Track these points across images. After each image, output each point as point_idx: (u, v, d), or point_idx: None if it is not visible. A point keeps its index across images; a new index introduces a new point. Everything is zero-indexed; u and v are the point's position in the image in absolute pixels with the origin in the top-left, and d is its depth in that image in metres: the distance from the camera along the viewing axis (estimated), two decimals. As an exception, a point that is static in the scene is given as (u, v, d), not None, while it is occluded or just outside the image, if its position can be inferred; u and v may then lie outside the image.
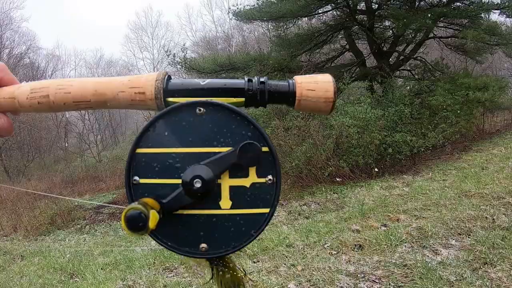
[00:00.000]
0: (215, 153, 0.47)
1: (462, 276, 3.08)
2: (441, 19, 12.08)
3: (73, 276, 4.96)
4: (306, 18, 13.48)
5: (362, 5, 12.46)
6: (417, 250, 3.70)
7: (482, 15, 11.84)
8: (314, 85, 0.49)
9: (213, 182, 0.46)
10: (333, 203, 6.44)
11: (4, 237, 9.03)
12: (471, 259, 3.37)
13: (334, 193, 7.31)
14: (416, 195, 5.75)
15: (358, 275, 3.42)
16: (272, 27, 14.39)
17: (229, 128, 0.48)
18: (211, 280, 0.52)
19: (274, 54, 13.04)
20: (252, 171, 0.48)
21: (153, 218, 0.43)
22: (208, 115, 0.47)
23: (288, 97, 0.50)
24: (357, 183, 7.67)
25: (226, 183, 0.47)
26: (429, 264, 3.34)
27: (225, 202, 0.48)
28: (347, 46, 13.63)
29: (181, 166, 0.47)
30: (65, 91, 0.50)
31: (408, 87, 11.58)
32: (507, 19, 13.41)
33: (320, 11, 12.93)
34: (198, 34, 35.71)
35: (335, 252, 4.04)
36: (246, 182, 0.48)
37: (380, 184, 7.16)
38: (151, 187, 0.48)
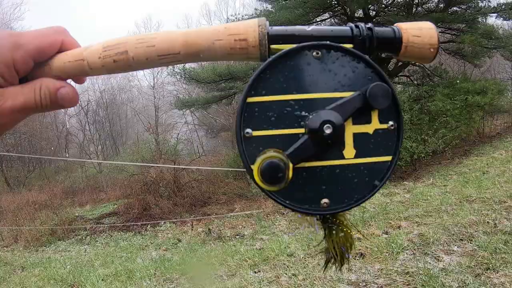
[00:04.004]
0: (337, 99, 0.44)
1: (465, 283, 3.06)
2: (439, 24, 12.12)
3: (74, 287, 4.95)
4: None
5: (359, 12, 12.53)
6: (419, 257, 3.68)
7: (479, 19, 11.90)
8: (419, 31, 0.47)
9: (342, 128, 0.43)
10: (334, 211, 6.41)
11: (5, 248, 9.01)
12: (473, 265, 3.34)
13: (335, 200, 7.28)
14: (417, 202, 5.73)
15: (360, 284, 3.40)
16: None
17: (349, 72, 0.45)
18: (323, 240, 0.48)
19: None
20: (375, 116, 0.45)
21: (291, 167, 0.40)
22: (325, 59, 0.44)
23: (394, 43, 0.48)
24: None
25: (350, 130, 0.44)
26: (431, 271, 3.32)
27: (349, 151, 0.44)
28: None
29: (300, 115, 0.44)
30: (148, 44, 0.46)
31: (407, 93, 11.58)
32: (504, 22, 13.49)
33: (318, 19, 12.98)
34: (197, 43, 35.83)
35: (336, 260, 4.01)
36: (369, 128, 0.45)
37: (380, 191, 7.10)
38: (266, 139, 0.44)
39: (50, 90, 0.47)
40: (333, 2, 11.52)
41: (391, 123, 0.45)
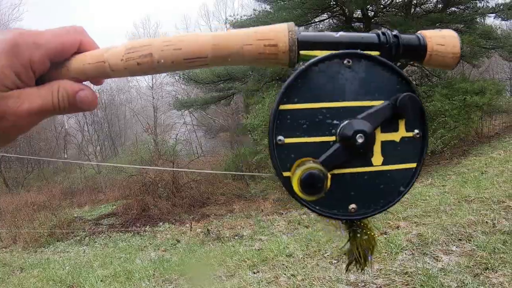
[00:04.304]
0: (367, 107, 0.45)
1: (463, 283, 3.06)
2: (437, 24, 12.14)
3: (73, 289, 4.94)
4: (303, 27, 13.53)
5: (358, 13, 12.54)
6: (417, 257, 3.68)
7: (478, 19, 11.93)
8: (443, 39, 0.48)
9: (373, 137, 0.44)
10: (333, 211, 6.42)
11: (4, 249, 9.00)
12: (472, 265, 3.35)
13: (333, 200, 7.28)
14: (415, 202, 5.74)
15: (359, 284, 3.40)
16: (269, 36, 14.46)
17: (378, 80, 0.46)
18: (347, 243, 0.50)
19: (272, 63, 13.08)
20: (402, 125, 0.46)
21: (329, 177, 0.41)
22: (356, 67, 0.45)
23: (419, 51, 0.49)
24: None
25: (378, 138, 0.46)
26: (430, 271, 3.32)
27: (377, 158, 0.46)
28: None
29: (332, 123, 0.45)
30: (175, 47, 0.45)
31: (405, 93, 11.59)
32: (502, 22, 13.51)
33: (316, 20, 13.00)
34: (196, 44, 35.81)
35: (335, 261, 4.01)
36: (396, 136, 0.46)
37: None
38: (298, 146, 0.44)
39: (68, 92, 0.46)
40: (331, 3, 11.53)
41: (416, 131, 0.47)
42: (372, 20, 12.61)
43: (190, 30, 53.69)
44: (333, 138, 0.44)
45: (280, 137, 0.44)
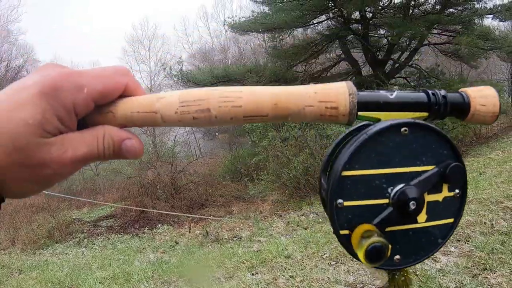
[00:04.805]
0: (418, 172, 0.48)
1: (462, 283, 3.07)
2: (435, 26, 12.18)
3: (71, 291, 4.93)
4: (301, 29, 13.57)
5: (356, 14, 12.57)
6: (416, 258, 3.68)
7: (476, 20, 11.96)
8: (485, 100, 0.51)
9: (423, 201, 0.48)
10: (332, 212, 6.42)
11: (2, 251, 8.98)
12: (471, 266, 3.35)
13: (332, 202, 7.29)
14: (414, 202, 5.73)
15: (357, 285, 3.40)
16: (267, 38, 14.51)
17: (430, 147, 0.49)
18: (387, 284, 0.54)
19: (270, 65, 13.11)
20: (445, 187, 0.50)
21: (390, 248, 0.45)
22: (411, 134, 0.48)
23: (463, 110, 0.51)
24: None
25: (425, 199, 0.49)
26: (429, 272, 3.32)
27: (422, 216, 0.49)
28: (343, 56, 13.72)
29: (387, 187, 0.48)
30: (234, 105, 0.44)
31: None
32: (500, 23, 13.55)
33: (315, 21, 13.02)
34: (195, 46, 35.88)
35: (334, 263, 4.01)
36: (439, 197, 0.50)
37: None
38: (355, 208, 0.48)
39: (114, 140, 0.44)
40: (329, 4, 11.55)
41: (457, 191, 0.51)
42: (371, 22, 12.64)
43: (189, 32, 53.70)
44: (386, 200, 0.48)
45: (340, 200, 0.47)
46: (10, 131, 0.38)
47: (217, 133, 25.07)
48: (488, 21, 12.85)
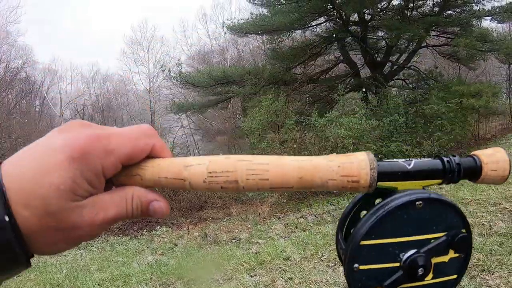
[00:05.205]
0: (429, 239, 0.51)
1: (460, 284, 3.06)
2: (433, 28, 12.20)
3: (70, 293, 4.92)
4: (300, 31, 13.59)
5: (354, 17, 12.59)
6: (414, 260, 3.68)
7: (474, 22, 11.98)
8: (496, 165, 0.53)
9: (431, 265, 0.51)
10: (330, 215, 6.43)
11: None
12: (469, 267, 3.33)
13: (331, 204, 7.30)
14: (412, 204, 5.74)
15: (356, 286, 3.40)
16: (266, 40, 14.52)
17: (441, 217, 0.51)
18: None
19: (269, 67, 13.11)
20: (452, 250, 0.53)
21: None
22: (425, 207, 0.50)
23: (475, 174, 0.53)
24: (354, 194, 7.66)
25: (432, 261, 0.52)
26: (427, 274, 3.32)
27: (429, 276, 0.52)
28: (341, 58, 13.74)
29: (399, 252, 0.51)
30: (261, 178, 0.46)
31: (402, 97, 11.64)
32: (499, 25, 13.57)
33: (313, 24, 13.05)
34: (193, 48, 35.80)
35: (332, 265, 4.01)
36: (445, 258, 0.52)
37: (376, 194, 7.14)
38: (368, 271, 0.51)
39: (142, 202, 0.45)
40: (328, 7, 11.57)
41: (462, 254, 0.53)
42: (369, 24, 12.66)
43: (188, 34, 53.72)
44: (397, 264, 0.51)
45: (356, 265, 0.51)
46: (41, 196, 0.38)
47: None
48: (486, 23, 12.90)
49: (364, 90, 11.99)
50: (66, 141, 0.40)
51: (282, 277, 3.90)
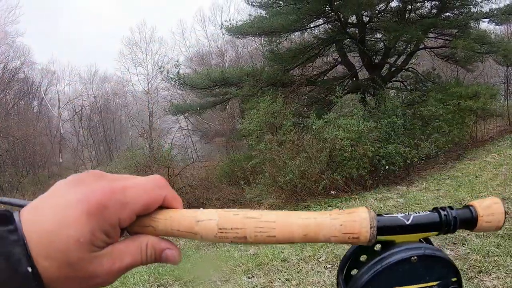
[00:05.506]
0: None
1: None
2: (431, 29, 12.23)
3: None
4: (298, 33, 13.59)
5: (353, 18, 12.60)
6: (412, 261, 3.68)
7: (472, 24, 12.01)
8: (492, 217, 0.55)
9: None
10: (328, 216, 6.42)
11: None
12: (466, 268, 3.36)
13: (328, 206, 7.30)
14: (410, 206, 5.76)
15: (353, 288, 3.40)
16: (265, 42, 14.51)
17: (434, 268, 0.54)
18: None
19: (267, 69, 13.11)
20: None
21: None
22: (419, 261, 0.53)
23: (470, 224, 0.55)
24: (351, 196, 7.67)
25: None
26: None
27: None
28: (339, 59, 13.75)
29: None
30: (268, 235, 0.49)
31: (400, 98, 11.64)
32: (496, 27, 13.61)
33: (312, 25, 13.05)
34: (192, 49, 35.81)
35: (329, 266, 4.02)
36: None
37: (374, 196, 7.16)
38: None
39: (156, 250, 0.48)
40: (326, 8, 11.57)
41: None
42: (367, 25, 12.68)
43: (186, 35, 53.72)
44: None
45: None
46: (61, 248, 0.40)
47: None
48: (484, 25, 12.92)
49: (362, 91, 12.01)
50: (83, 195, 0.42)
51: (279, 279, 3.90)
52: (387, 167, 8.32)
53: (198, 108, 15.05)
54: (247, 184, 10.30)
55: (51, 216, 0.41)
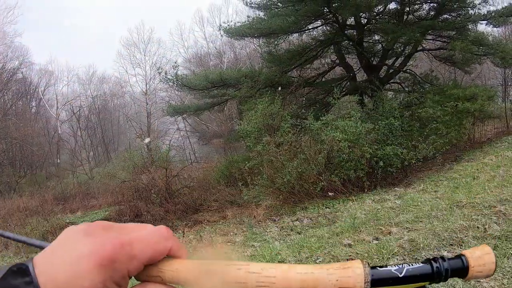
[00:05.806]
0: None
1: (454, 287, 3.07)
2: (429, 31, 12.25)
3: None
4: (297, 34, 13.61)
5: (351, 20, 12.62)
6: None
7: (470, 26, 12.04)
8: (482, 267, 0.56)
9: None
10: (325, 218, 6.43)
11: (-5, 255, 8.91)
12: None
13: (326, 207, 7.29)
14: (407, 207, 5.75)
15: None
16: (263, 43, 14.53)
17: None
18: None
19: (265, 70, 13.12)
20: None
21: None
22: None
23: (462, 273, 0.56)
24: (349, 197, 7.66)
25: None
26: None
27: None
28: (337, 61, 13.77)
29: None
30: None
31: (398, 100, 11.67)
32: (494, 29, 13.64)
33: (310, 27, 13.06)
34: (190, 50, 35.82)
35: (327, 267, 4.00)
36: None
37: (372, 197, 7.16)
38: None
39: None
40: (325, 10, 11.59)
41: None
42: (365, 27, 12.70)
43: (185, 37, 53.70)
44: None
45: None
46: None
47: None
48: (482, 27, 12.97)
49: (360, 93, 12.03)
50: (94, 247, 0.45)
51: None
52: (385, 169, 8.33)
53: (195, 110, 15.05)
54: (245, 186, 10.28)
55: (64, 268, 0.43)
